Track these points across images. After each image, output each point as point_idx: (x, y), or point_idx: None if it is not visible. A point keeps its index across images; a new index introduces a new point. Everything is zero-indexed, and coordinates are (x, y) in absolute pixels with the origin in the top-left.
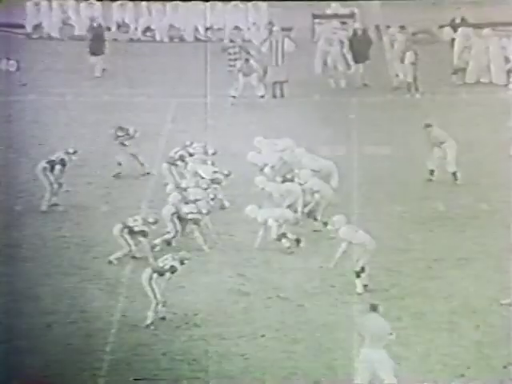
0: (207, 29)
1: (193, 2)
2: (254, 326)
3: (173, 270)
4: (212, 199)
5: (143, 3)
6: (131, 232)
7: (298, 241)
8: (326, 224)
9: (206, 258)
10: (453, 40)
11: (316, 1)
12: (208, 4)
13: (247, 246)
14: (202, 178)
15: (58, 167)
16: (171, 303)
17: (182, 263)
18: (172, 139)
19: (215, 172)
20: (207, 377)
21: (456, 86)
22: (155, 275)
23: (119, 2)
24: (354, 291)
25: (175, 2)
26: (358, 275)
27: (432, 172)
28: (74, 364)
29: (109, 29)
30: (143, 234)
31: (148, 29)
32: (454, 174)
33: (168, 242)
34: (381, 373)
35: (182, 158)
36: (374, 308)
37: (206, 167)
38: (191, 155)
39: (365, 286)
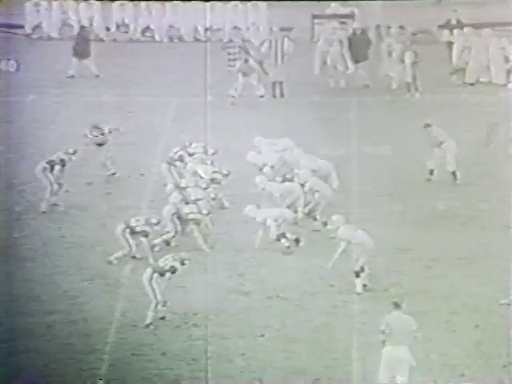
0: (207, 29)
1: (192, 1)
2: (254, 326)
3: (173, 270)
4: (213, 199)
5: (143, 3)
6: (133, 232)
7: (297, 240)
8: (325, 224)
9: (205, 258)
10: (450, 42)
11: (316, 1)
12: (208, 4)
13: (247, 246)
14: (202, 177)
15: (57, 167)
16: (171, 303)
17: (182, 264)
18: (172, 139)
19: (214, 172)
20: (207, 376)
21: (456, 86)
22: (156, 275)
23: (119, 2)
24: (353, 291)
25: (175, 2)
26: (357, 275)
27: (432, 172)
28: (73, 364)
29: (108, 29)
30: (144, 233)
31: (147, 29)
32: (454, 173)
33: (168, 242)
34: (397, 370)
35: (181, 159)
36: (397, 305)
37: (205, 167)
38: (191, 155)
39: (364, 285)
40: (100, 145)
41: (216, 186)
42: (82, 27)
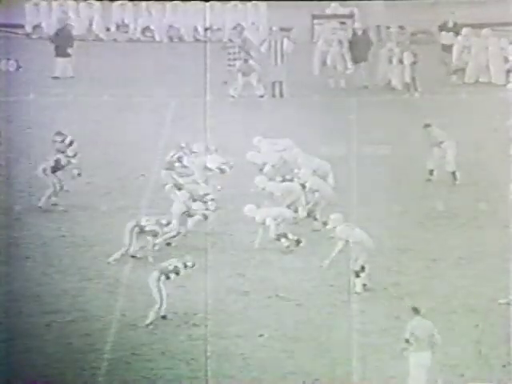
0: (206, 29)
1: (192, 1)
2: (253, 326)
3: (176, 271)
4: (218, 191)
5: (143, 3)
6: (142, 231)
7: (298, 241)
8: (325, 224)
9: (205, 258)
10: (447, 44)
11: (316, 1)
12: (207, 4)
13: (247, 246)
14: (209, 169)
15: (58, 167)
16: (171, 302)
17: (185, 267)
18: (172, 139)
19: (223, 163)
20: (206, 376)
21: (455, 86)
22: (163, 277)
23: (119, 2)
24: (353, 291)
25: (175, 2)
26: (357, 275)
27: (431, 172)
28: (73, 363)
29: (108, 29)
30: (153, 233)
31: (147, 29)
32: (454, 173)
33: (168, 242)
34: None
35: (179, 160)
36: (416, 311)
37: (213, 157)
38: (192, 153)
39: (364, 285)
40: (60, 152)
41: (220, 176)
42: (66, 25)
